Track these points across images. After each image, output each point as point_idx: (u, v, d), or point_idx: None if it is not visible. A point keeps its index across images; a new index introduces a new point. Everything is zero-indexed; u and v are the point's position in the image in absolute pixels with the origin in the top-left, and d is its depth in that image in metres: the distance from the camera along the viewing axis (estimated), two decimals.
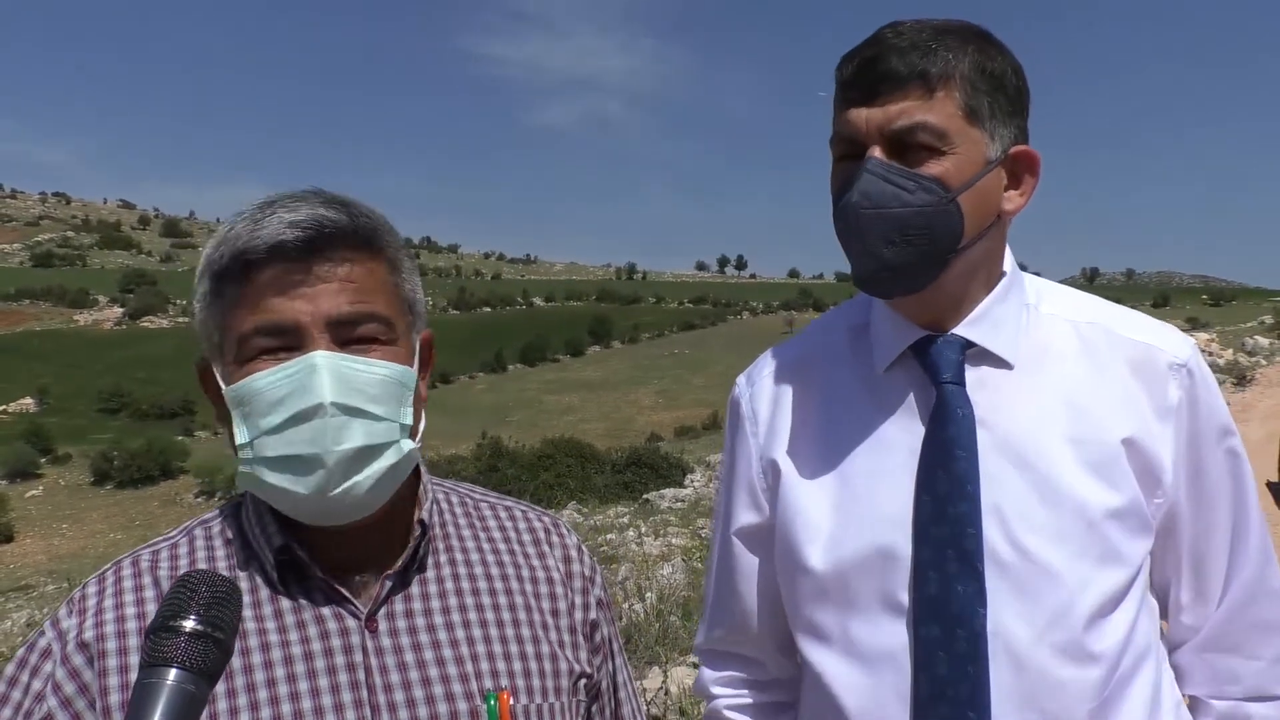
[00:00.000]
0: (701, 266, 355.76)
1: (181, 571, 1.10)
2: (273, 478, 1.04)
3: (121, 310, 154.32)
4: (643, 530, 12.23)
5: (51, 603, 17.54)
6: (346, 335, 1.06)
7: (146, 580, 1.11)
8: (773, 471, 1.36)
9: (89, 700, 1.04)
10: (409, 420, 1.09)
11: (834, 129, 1.26)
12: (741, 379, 1.46)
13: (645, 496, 15.27)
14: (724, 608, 1.45)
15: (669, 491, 15.23)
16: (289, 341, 1.04)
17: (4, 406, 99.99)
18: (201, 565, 1.13)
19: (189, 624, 0.82)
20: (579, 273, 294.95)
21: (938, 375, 1.26)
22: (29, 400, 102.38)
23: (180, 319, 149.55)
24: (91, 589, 1.11)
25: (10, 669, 1.08)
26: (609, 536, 11.71)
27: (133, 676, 0.84)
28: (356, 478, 1.05)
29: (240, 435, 1.06)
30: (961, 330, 1.28)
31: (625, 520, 13.47)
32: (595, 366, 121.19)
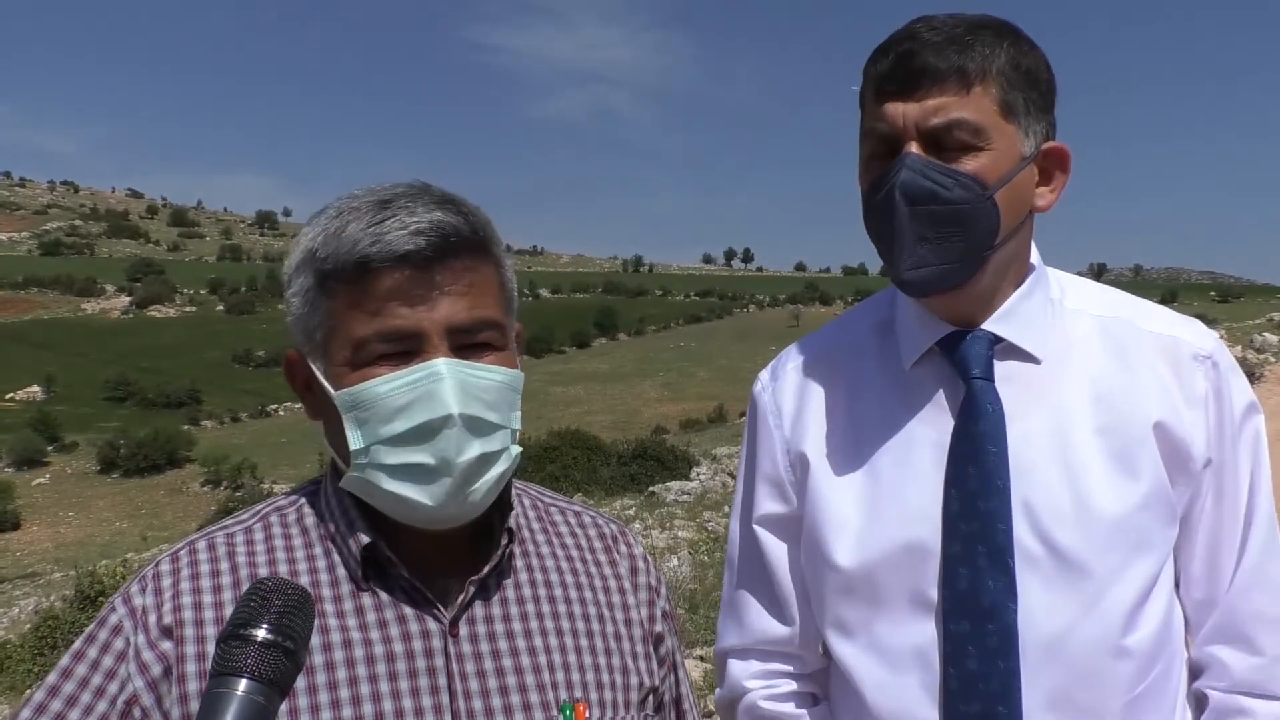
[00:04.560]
0: (708, 259, 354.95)
1: (259, 558, 1.11)
2: (391, 485, 1.04)
3: (129, 299, 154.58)
4: (649, 523, 12.21)
5: (58, 589, 17.58)
6: (464, 341, 1.05)
7: (224, 566, 1.10)
8: (801, 464, 1.34)
9: (169, 685, 1.03)
10: (518, 425, 1.10)
11: (866, 123, 1.23)
12: (765, 374, 1.44)
13: (651, 489, 15.19)
14: (755, 600, 1.40)
15: (675, 484, 15.13)
16: (408, 348, 1.03)
17: (11, 394, 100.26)
18: (280, 552, 1.12)
19: (261, 633, 0.81)
20: (585, 265, 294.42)
21: (967, 371, 1.25)
22: (36, 388, 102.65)
23: (187, 308, 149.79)
24: (165, 567, 1.10)
25: (78, 644, 1.07)
26: None
27: (209, 665, 0.85)
28: (475, 485, 1.05)
29: (354, 441, 1.04)
30: (990, 326, 1.26)
31: (631, 513, 13.44)
32: (601, 359, 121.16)
